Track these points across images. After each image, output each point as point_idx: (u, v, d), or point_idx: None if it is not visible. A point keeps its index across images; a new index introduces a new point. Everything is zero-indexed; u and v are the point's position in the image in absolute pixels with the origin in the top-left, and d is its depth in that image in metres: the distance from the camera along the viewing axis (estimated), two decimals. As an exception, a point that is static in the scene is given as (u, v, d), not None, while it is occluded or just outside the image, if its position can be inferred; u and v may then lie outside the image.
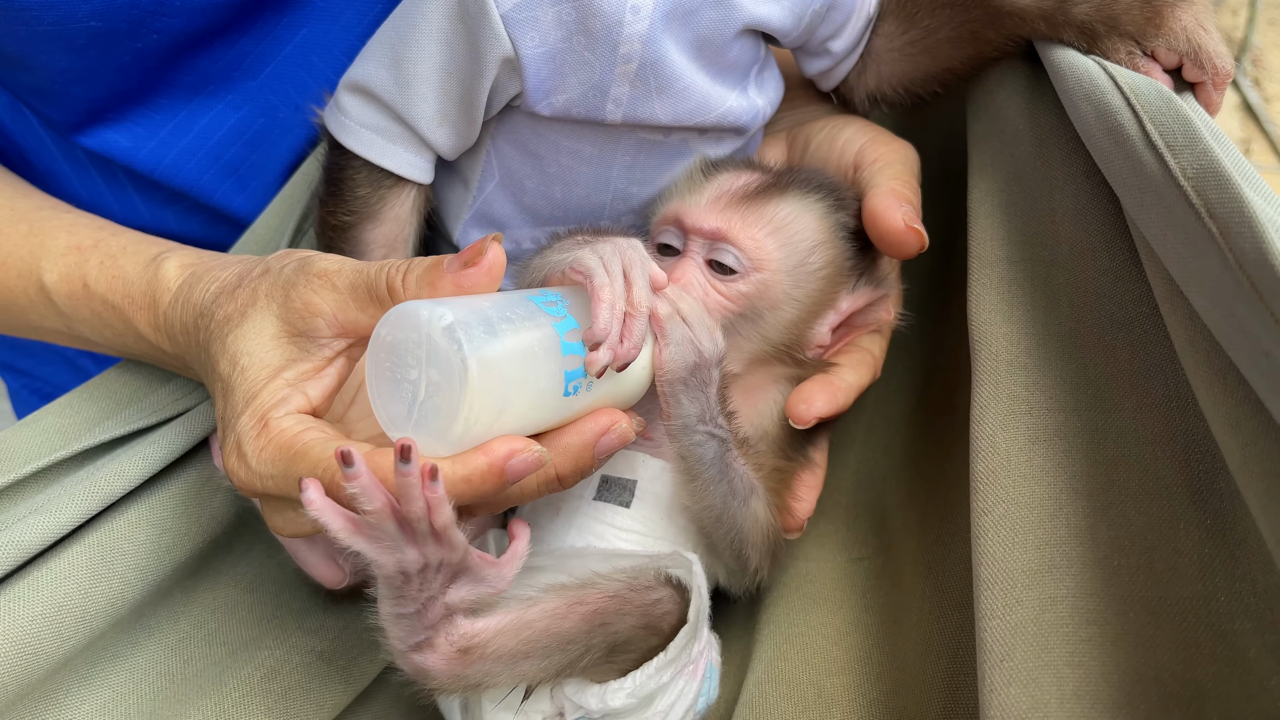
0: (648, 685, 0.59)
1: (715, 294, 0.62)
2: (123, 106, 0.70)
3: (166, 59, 0.69)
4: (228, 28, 0.69)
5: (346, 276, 0.53)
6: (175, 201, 0.77)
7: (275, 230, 0.73)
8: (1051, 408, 0.54)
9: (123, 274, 0.64)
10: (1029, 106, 0.62)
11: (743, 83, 0.66)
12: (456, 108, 0.63)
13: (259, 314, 0.55)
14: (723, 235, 0.62)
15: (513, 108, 0.65)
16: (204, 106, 0.72)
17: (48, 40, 0.63)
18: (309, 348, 0.54)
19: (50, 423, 0.65)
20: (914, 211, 0.63)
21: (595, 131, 0.64)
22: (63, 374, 0.93)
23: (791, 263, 0.63)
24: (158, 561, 0.62)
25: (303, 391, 0.54)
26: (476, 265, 0.50)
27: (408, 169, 0.65)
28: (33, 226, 0.67)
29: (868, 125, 0.71)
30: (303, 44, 0.72)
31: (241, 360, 0.54)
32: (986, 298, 0.57)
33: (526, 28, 0.59)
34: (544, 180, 0.67)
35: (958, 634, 0.59)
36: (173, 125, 0.72)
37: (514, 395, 0.50)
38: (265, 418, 0.53)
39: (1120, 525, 0.50)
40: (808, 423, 0.62)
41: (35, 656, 0.56)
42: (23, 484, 0.61)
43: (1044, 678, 0.47)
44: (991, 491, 0.52)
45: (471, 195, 0.69)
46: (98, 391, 0.67)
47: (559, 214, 0.68)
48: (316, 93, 0.72)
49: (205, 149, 0.73)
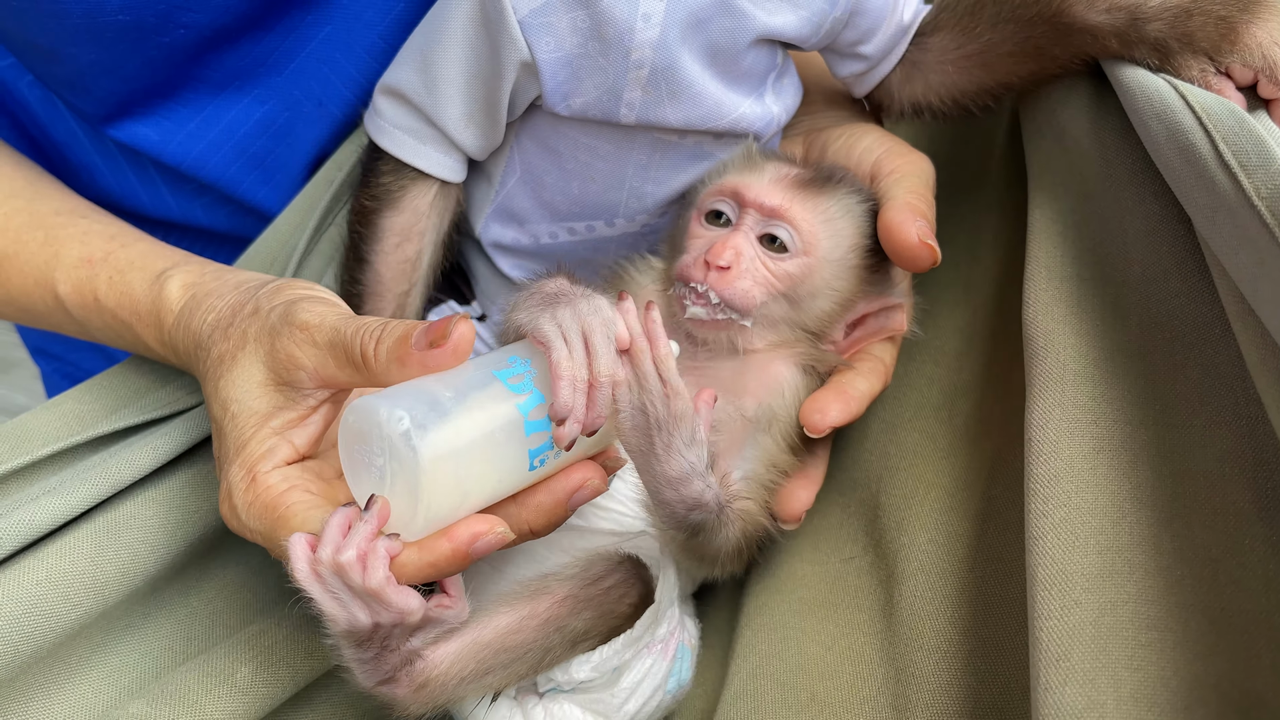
0: (612, 660, 0.60)
1: (763, 269, 0.64)
2: (151, 100, 0.72)
3: (193, 54, 0.70)
4: (253, 25, 0.71)
5: (325, 334, 0.54)
6: (202, 193, 0.79)
7: (297, 226, 0.75)
8: (1118, 419, 0.54)
9: (130, 290, 0.65)
10: (1094, 126, 0.62)
11: (758, 89, 0.67)
12: (481, 110, 0.66)
13: (247, 359, 0.56)
14: (782, 214, 0.64)
15: (535, 106, 0.67)
16: (230, 101, 0.74)
17: (78, 33, 0.65)
18: (294, 396, 0.56)
19: (70, 408, 0.66)
20: (928, 227, 0.64)
21: (612, 131, 0.66)
22: (93, 359, 0.95)
23: (835, 255, 0.65)
24: (168, 537, 0.63)
25: (289, 441, 0.56)
26: (441, 348, 0.50)
27: (437, 168, 0.68)
28: (48, 235, 0.68)
29: (885, 135, 0.71)
30: (326, 41, 0.74)
31: (231, 407, 0.56)
32: (1055, 309, 0.58)
33: (542, 33, 0.62)
34: (563, 176, 0.69)
35: (950, 632, 0.60)
36: (200, 119, 0.74)
37: (475, 482, 0.51)
38: (254, 471, 0.55)
39: (1184, 537, 0.51)
40: (822, 431, 0.63)
41: (45, 618, 0.58)
42: (39, 465, 0.63)
43: (1101, 679, 0.47)
44: (1053, 495, 0.52)
45: (494, 190, 0.71)
46: (117, 379, 0.68)
47: (576, 209, 0.70)
48: (339, 88, 0.75)
49: (231, 142, 0.75)
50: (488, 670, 0.57)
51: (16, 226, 0.69)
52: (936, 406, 0.70)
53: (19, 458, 0.62)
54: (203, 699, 0.60)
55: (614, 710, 0.62)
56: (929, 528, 0.64)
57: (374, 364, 0.52)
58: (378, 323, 0.53)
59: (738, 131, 0.67)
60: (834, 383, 0.65)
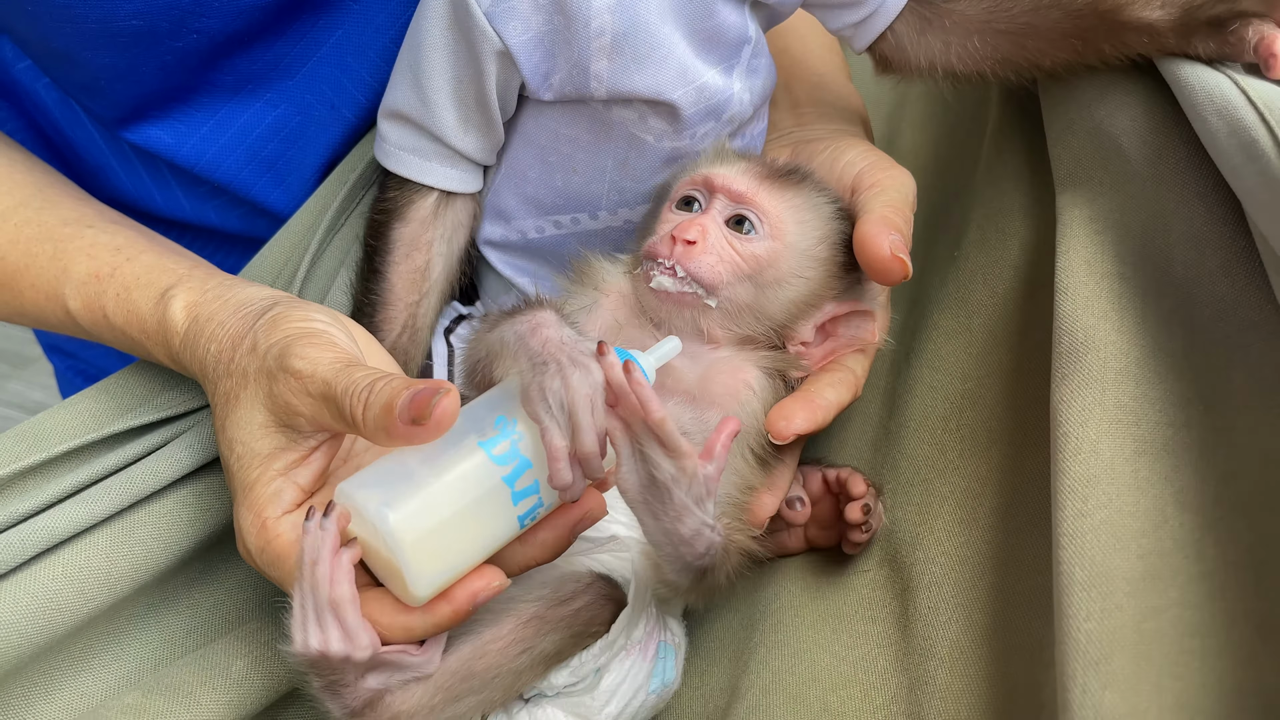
0: (587, 664, 0.60)
1: (730, 249, 0.64)
2: (165, 104, 0.74)
3: (207, 60, 0.72)
4: (265, 31, 0.72)
5: (318, 385, 0.54)
6: (216, 196, 0.80)
7: (309, 227, 0.75)
8: (1160, 421, 0.53)
9: (136, 310, 0.65)
10: (1135, 125, 0.62)
11: (729, 61, 0.67)
12: (475, 112, 0.68)
13: (249, 400, 0.57)
14: (749, 199, 0.65)
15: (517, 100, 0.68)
16: (243, 105, 0.75)
17: (92, 37, 0.66)
18: (295, 438, 0.57)
19: (86, 406, 0.66)
20: (902, 241, 0.64)
21: (589, 119, 0.67)
22: (106, 357, 0.95)
23: (801, 245, 0.65)
24: (180, 534, 0.64)
25: (294, 482, 0.57)
26: (424, 426, 0.50)
27: (440, 180, 0.70)
28: (57, 248, 0.68)
29: (870, 150, 0.72)
30: (338, 46, 0.75)
31: (237, 448, 0.58)
32: (1095, 305, 0.57)
33: (508, 18, 0.63)
34: (545, 170, 0.70)
35: (963, 641, 0.60)
36: (213, 123, 0.75)
37: (465, 548, 0.53)
38: (264, 518, 0.56)
39: (1228, 541, 0.50)
40: (787, 438, 0.63)
41: (60, 612, 0.60)
42: (56, 463, 0.63)
43: (1144, 686, 0.46)
44: (1092, 496, 0.51)
45: (484, 190, 0.73)
46: (134, 378, 0.69)
47: (560, 201, 0.72)
48: (352, 91, 0.76)
49: (244, 145, 0.76)
50: (457, 698, 0.56)
51: (26, 239, 0.69)
52: (944, 416, 0.70)
53: (37, 454, 0.62)
54: (197, 690, 0.61)
55: (595, 712, 0.61)
56: (942, 541, 0.64)
57: (362, 427, 0.52)
58: (365, 382, 0.53)
59: (702, 103, 0.67)
60: (802, 390, 0.65)
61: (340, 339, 0.58)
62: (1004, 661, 0.58)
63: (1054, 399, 0.56)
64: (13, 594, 0.58)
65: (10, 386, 1.66)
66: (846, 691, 0.62)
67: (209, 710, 0.60)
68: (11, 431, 0.64)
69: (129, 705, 0.59)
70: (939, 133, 0.90)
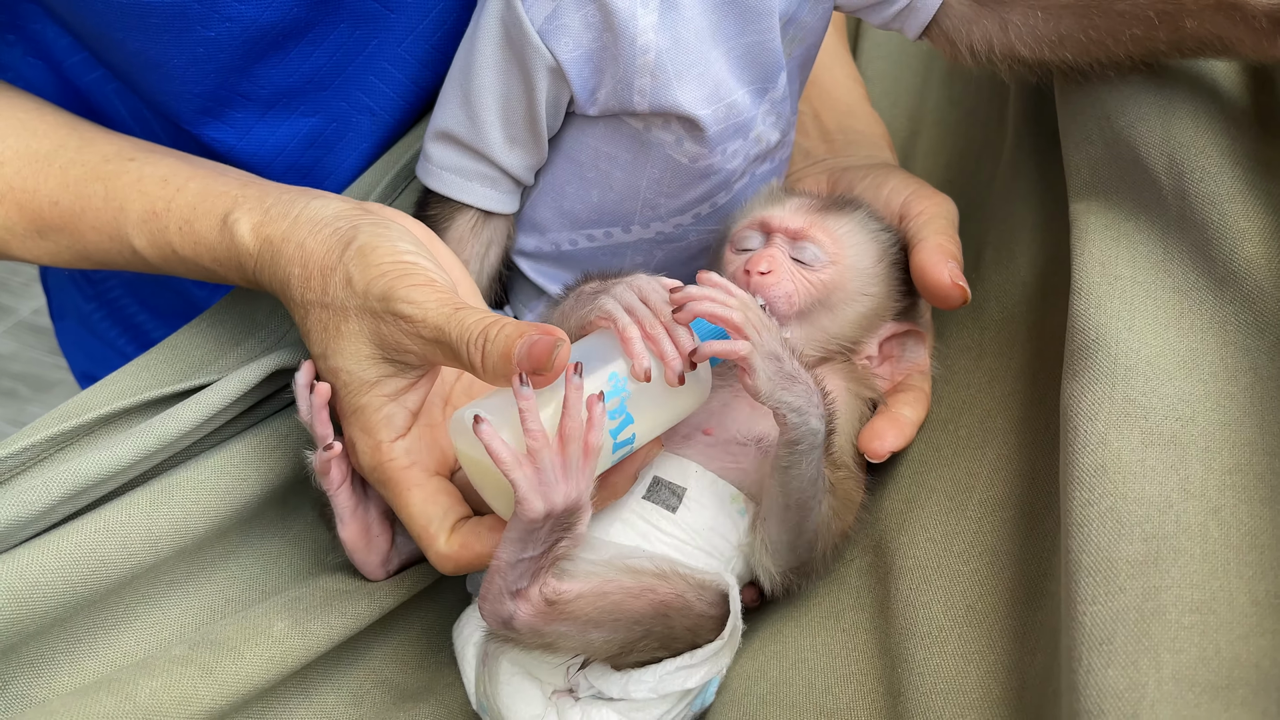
0: (669, 683, 0.61)
1: (800, 276, 0.68)
2: (198, 119, 0.74)
3: (240, 62, 0.71)
4: (298, 36, 0.72)
5: (430, 330, 0.58)
6: None
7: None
8: (1168, 416, 0.55)
9: (203, 239, 0.66)
10: (1151, 135, 0.63)
11: (762, 86, 0.70)
12: (523, 129, 0.71)
13: (353, 334, 0.61)
14: (806, 234, 0.69)
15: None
16: (278, 119, 0.76)
17: (123, 16, 0.66)
18: (401, 369, 0.61)
19: (127, 384, 0.69)
20: (959, 267, 0.68)
21: (630, 139, 0.70)
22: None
23: (862, 264, 0.70)
24: (217, 500, 0.66)
25: (404, 407, 0.62)
26: (543, 376, 0.55)
27: (481, 200, 0.73)
28: (108, 187, 0.69)
29: (910, 178, 0.75)
30: (374, 54, 0.76)
31: (342, 375, 0.62)
32: (1108, 305, 0.59)
33: (560, 35, 0.67)
34: (583, 186, 0.73)
35: (942, 620, 0.61)
36: (249, 137, 0.76)
37: None
38: (378, 441, 0.61)
39: (1232, 525, 0.51)
40: (882, 456, 0.67)
41: (103, 564, 0.61)
42: (95, 429, 0.65)
43: (1142, 661, 0.47)
44: (1099, 485, 0.53)
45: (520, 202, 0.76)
46: (172, 354, 0.71)
47: (595, 216, 0.75)
48: (391, 97, 0.78)
49: (281, 159, 0.77)
50: (598, 623, 0.59)
51: (75, 180, 0.69)
52: (944, 421, 0.72)
53: (73, 420, 0.64)
54: (241, 646, 0.63)
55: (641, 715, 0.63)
56: (928, 526, 0.66)
57: (481, 371, 0.56)
58: (478, 329, 0.56)
59: (729, 122, 0.70)
60: (886, 411, 0.69)
61: (433, 271, 0.61)
62: (986, 641, 0.59)
63: (1064, 394, 0.58)
64: (57, 545, 0.60)
65: (31, 410, 1.68)
66: (842, 689, 0.63)
67: (253, 665, 0.62)
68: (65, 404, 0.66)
69: (176, 657, 0.61)
70: (951, 158, 0.93)
